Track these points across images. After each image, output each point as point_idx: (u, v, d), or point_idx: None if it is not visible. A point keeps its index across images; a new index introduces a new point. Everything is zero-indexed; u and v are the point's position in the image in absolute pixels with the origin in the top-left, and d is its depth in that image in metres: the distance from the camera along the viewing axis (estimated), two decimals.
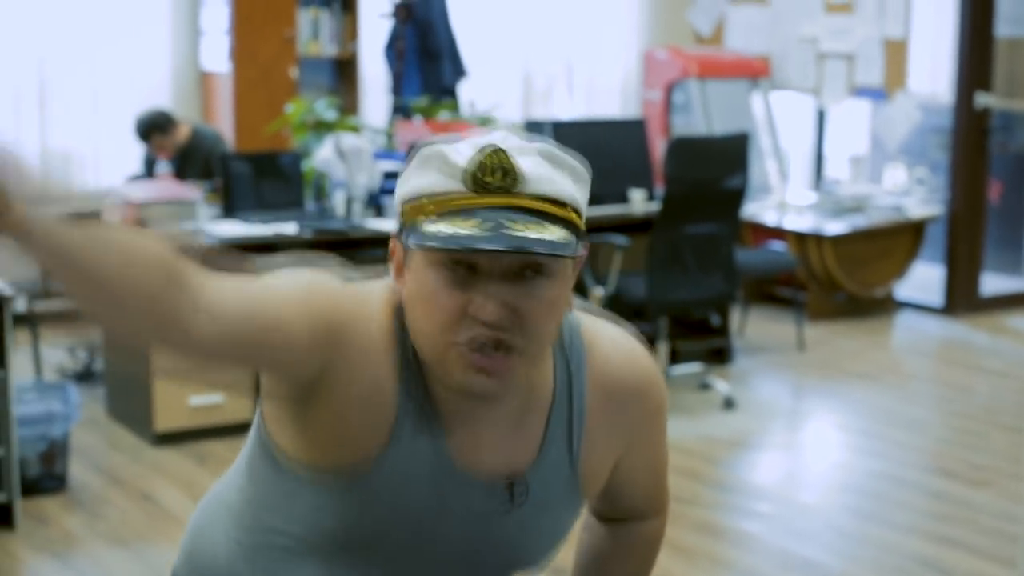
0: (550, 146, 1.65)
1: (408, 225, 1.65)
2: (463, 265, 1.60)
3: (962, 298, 8.68)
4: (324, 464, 1.69)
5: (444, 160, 1.61)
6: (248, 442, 1.85)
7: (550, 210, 1.61)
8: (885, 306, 8.67)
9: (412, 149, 1.69)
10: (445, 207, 1.60)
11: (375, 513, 1.70)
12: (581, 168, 1.67)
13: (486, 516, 1.74)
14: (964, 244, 8.70)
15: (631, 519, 2.02)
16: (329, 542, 1.74)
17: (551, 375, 1.76)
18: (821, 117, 9.60)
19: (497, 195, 1.59)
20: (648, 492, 1.98)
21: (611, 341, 1.83)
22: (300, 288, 1.64)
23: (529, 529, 1.78)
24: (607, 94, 9.81)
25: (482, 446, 1.72)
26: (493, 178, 1.59)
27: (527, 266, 1.60)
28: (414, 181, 1.64)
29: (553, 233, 1.59)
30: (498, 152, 1.60)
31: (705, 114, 9.13)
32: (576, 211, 1.64)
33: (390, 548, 1.74)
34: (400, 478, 1.69)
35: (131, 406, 5.94)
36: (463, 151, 1.62)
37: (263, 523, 1.80)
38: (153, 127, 7.30)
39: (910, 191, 9.00)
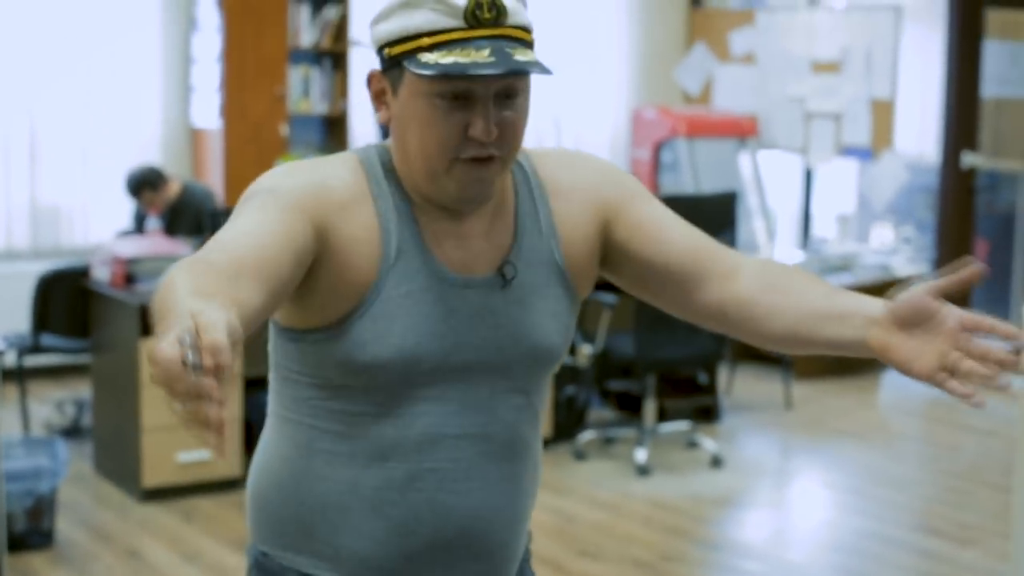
0: None
1: (397, 59, 1.85)
2: (460, 91, 1.82)
3: None
4: (337, 313, 1.87)
5: (439, 0, 1.82)
6: (271, 369, 2.01)
7: (524, 37, 1.86)
8: (872, 365, 8.69)
9: None
10: (443, 40, 1.81)
11: (395, 335, 1.87)
12: None
13: (489, 307, 1.94)
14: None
15: (735, 268, 2.05)
16: (368, 386, 1.89)
17: (511, 179, 2.01)
18: (808, 176, 9.66)
19: (488, 27, 1.82)
20: (699, 244, 2.05)
21: (551, 147, 2.14)
22: (267, 211, 1.79)
23: (528, 307, 1.97)
24: (595, 152, 9.80)
25: (466, 250, 1.94)
26: (488, 14, 1.81)
27: (510, 86, 1.85)
28: (402, 21, 1.84)
29: (530, 55, 1.83)
30: None
31: (693, 173, 9.18)
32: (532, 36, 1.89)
33: (424, 372, 1.90)
34: (404, 296, 1.88)
35: (119, 462, 5.93)
36: None
37: (306, 420, 1.95)
38: (144, 183, 7.32)
39: (897, 250, 9.04)
